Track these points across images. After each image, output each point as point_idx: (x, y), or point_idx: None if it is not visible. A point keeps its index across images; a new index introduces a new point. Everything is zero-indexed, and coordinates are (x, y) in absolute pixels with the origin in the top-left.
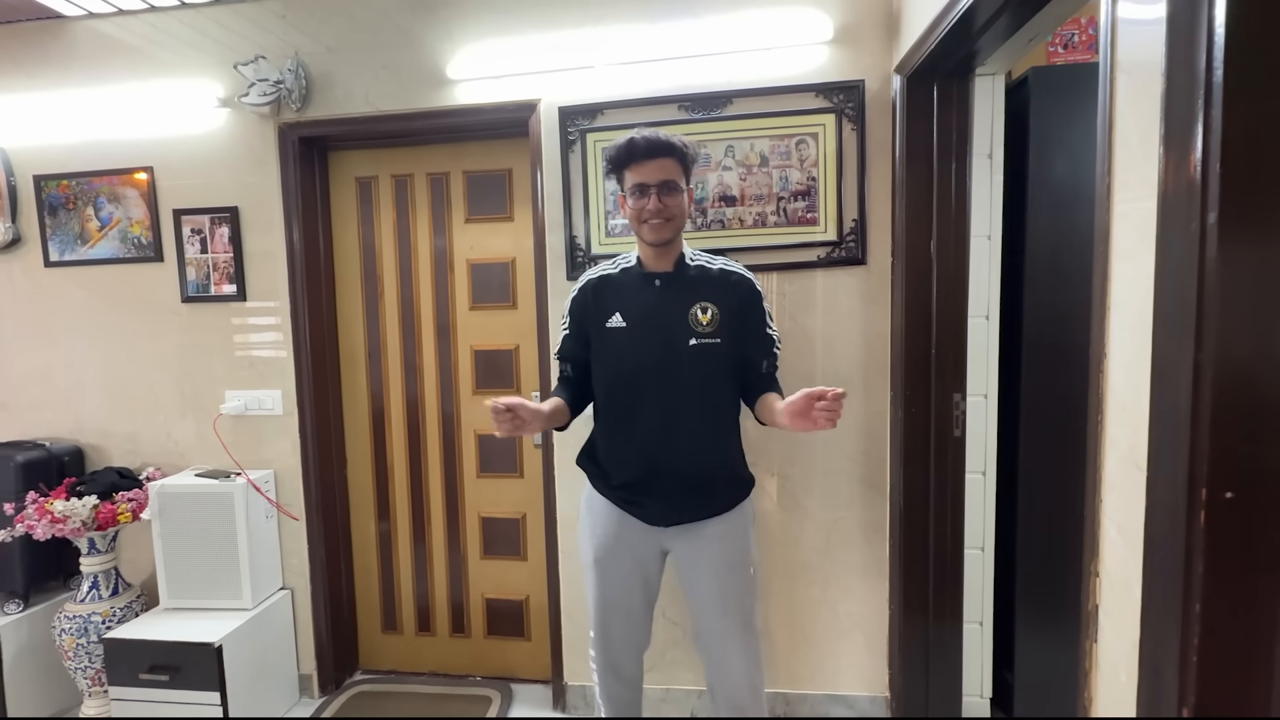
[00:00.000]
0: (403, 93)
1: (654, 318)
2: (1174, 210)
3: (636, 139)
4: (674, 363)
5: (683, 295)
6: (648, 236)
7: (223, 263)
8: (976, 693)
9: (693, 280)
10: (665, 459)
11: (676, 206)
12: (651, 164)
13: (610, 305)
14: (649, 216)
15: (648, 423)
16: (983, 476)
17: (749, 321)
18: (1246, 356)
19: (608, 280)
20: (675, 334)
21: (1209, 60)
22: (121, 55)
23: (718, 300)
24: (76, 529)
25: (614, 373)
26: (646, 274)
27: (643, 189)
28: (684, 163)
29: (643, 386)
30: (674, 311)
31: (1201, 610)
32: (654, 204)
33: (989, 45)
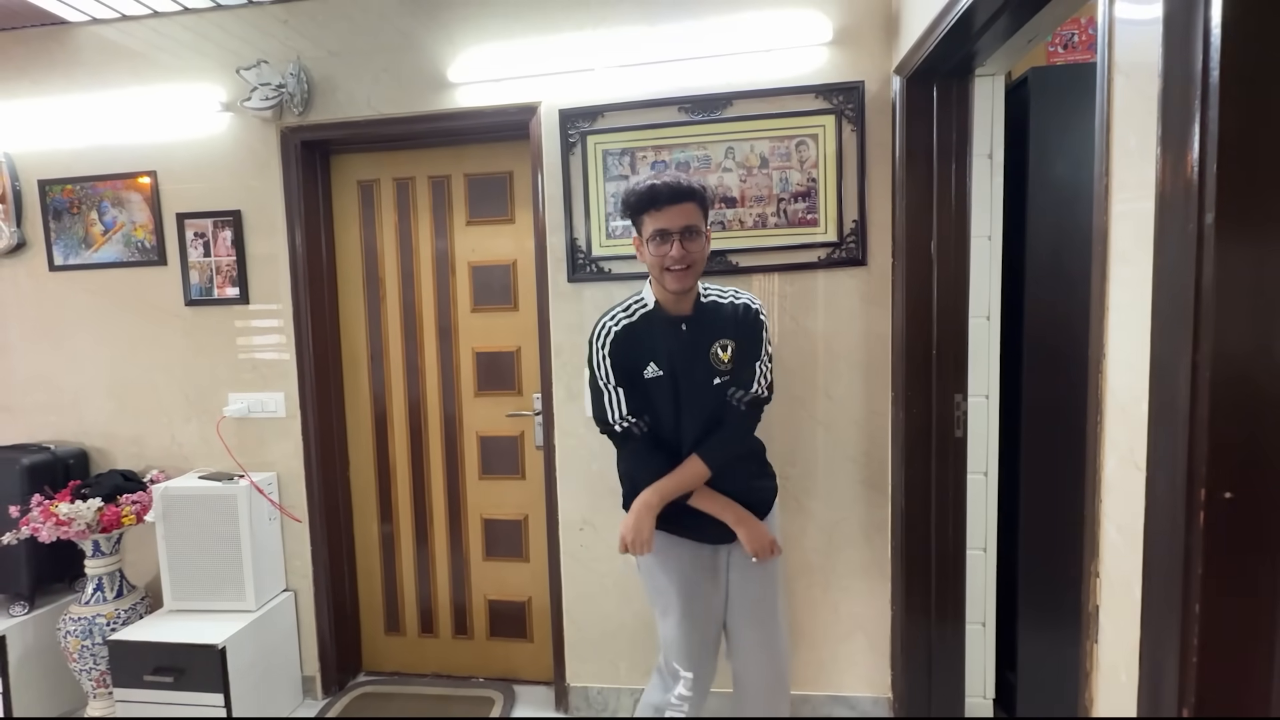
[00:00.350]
0: (404, 96)
1: (683, 363)
2: (1171, 211)
3: (658, 185)
4: (703, 403)
5: (704, 335)
6: (671, 285)
7: (225, 266)
8: (979, 693)
9: (711, 319)
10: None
11: (699, 252)
12: (674, 209)
13: (643, 354)
14: (672, 264)
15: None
16: (984, 477)
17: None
18: (1244, 356)
19: (633, 330)
20: (702, 376)
21: (1205, 60)
22: (125, 60)
23: (734, 335)
24: (81, 531)
25: (655, 417)
26: (671, 318)
27: (665, 235)
28: (704, 206)
29: (680, 429)
30: (698, 353)
31: (1201, 610)
32: (678, 251)
33: (989, 46)
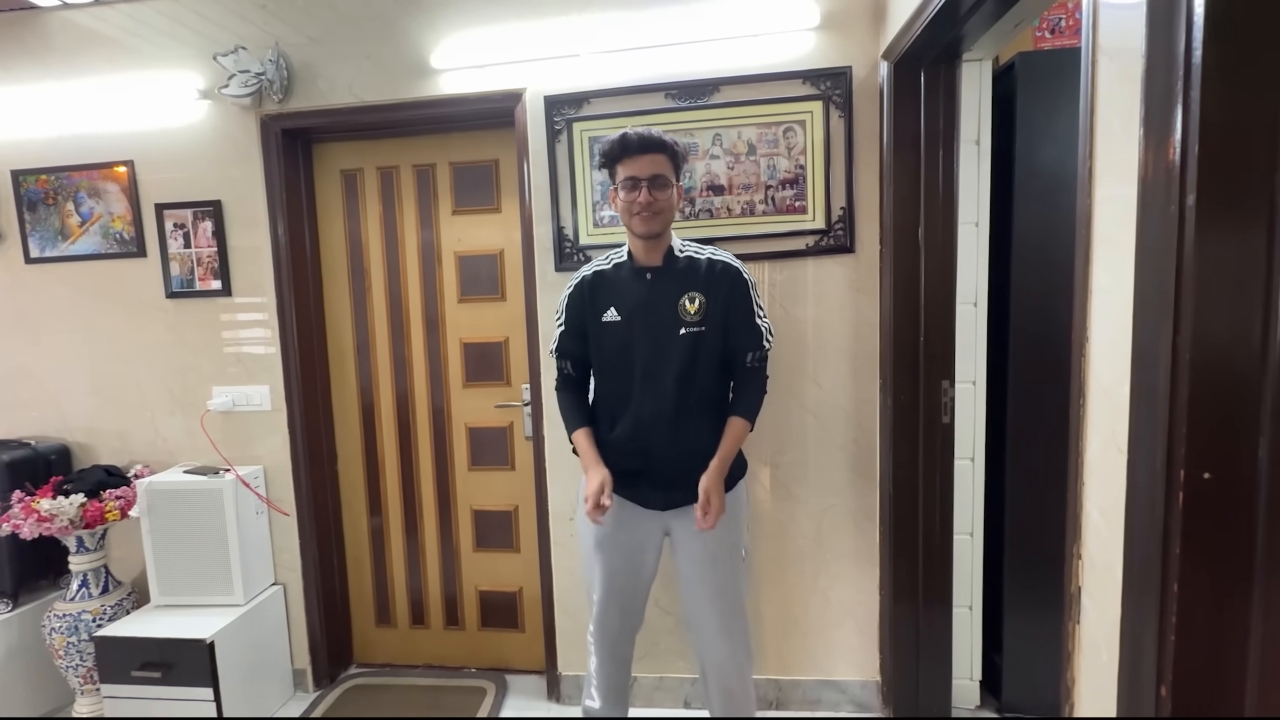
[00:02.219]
0: (386, 83)
1: (646, 310)
2: (1153, 193)
3: (630, 134)
4: (665, 352)
5: (672, 286)
6: (637, 229)
7: (207, 257)
8: (966, 675)
9: (682, 271)
10: (660, 446)
11: (665, 200)
12: (643, 159)
13: (605, 300)
14: (639, 209)
15: (642, 411)
16: (971, 463)
17: (735, 311)
18: (1224, 338)
19: (602, 276)
20: (665, 324)
21: (1188, 43)
22: (98, 46)
23: (705, 290)
24: (64, 527)
25: (610, 364)
26: (638, 268)
27: (634, 182)
28: (674, 160)
29: (637, 376)
30: (664, 303)
31: (1179, 590)
32: (644, 197)
33: (976, 30)
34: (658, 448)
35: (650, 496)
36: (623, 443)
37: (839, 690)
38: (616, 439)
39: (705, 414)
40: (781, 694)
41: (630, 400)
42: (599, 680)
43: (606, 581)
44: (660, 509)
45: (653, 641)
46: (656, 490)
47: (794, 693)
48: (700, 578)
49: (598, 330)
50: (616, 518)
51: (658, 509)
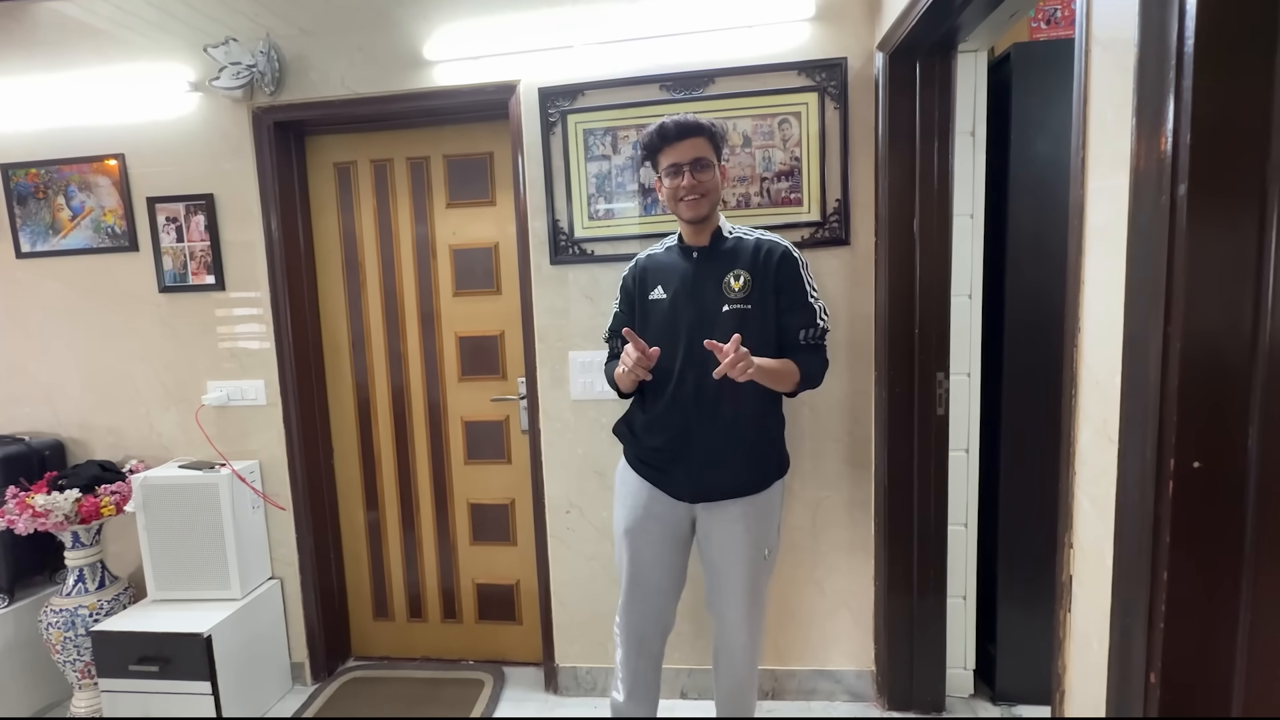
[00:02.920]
0: (379, 75)
1: (690, 287)
2: (1145, 183)
3: (667, 123)
4: (709, 329)
5: (718, 265)
6: (684, 214)
7: (200, 252)
8: (960, 665)
9: (729, 250)
10: (698, 424)
11: (710, 182)
12: (683, 144)
13: (653, 280)
14: (684, 193)
15: (682, 388)
16: (966, 454)
17: (786, 290)
18: (1215, 328)
19: (653, 259)
20: (709, 301)
21: (1180, 33)
22: (87, 38)
23: (751, 268)
24: (59, 523)
25: (655, 341)
26: (685, 248)
27: (676, 168)
28: (714, 141)
29: (679, 353)
30: (709, 280)
31: (1169, 578)
32: (688, 180)
33: (971, 20)
34: (695, 426)
35: (681, 484)
36: (664, 419)
37: (834, 680)
38: (659, 414)
39: (746, 398)
40: (777, 684)
41: (672, 376)
42: (624, 673)
43: (631, 574)
44: (689, 500)
45: None
46: (689, 477)
47: (789, 682)
48: (723, 569)
49: (645, 308)
50: (647, 507)
51: (686, 500)
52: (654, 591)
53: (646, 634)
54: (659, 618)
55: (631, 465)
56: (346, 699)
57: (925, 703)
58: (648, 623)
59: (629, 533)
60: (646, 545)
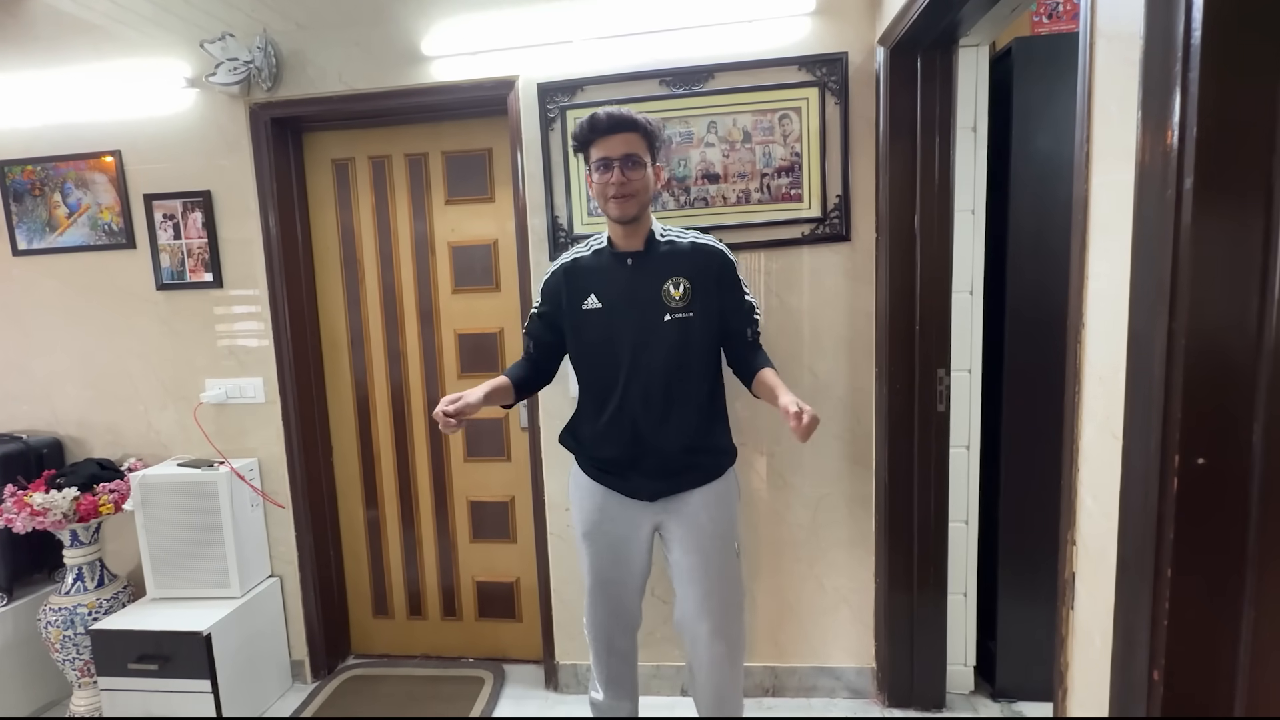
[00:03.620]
0: (377, 70)
1: (628, 297)
2: (1151, 177)
3: (599, 114)
4: (650, 339)
5: (655, 272)
6: (613, 212)
7: (197, 249)
8: (960, 661)
9: (664, 256)
10: (648, 435)
11: (640, 180)
12: (614, 138)
13: (585, 287)
14: (613, 191)
15: (628, 400)
16: (966, 451)
17: (725, 293)
18: (1220, 324)
19: (580, 263)
20: (649, 311)
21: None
22: (83, 34)
23: (689, 274)
24: (57, 521)
25: (592, 353)
26: (618, 254)
27: (606, 163)
28: (648, 139)
29: (621, 365)
30: (647, 289)
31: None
32: (616, 176)
33: (972, 15)
34: (646, 437)
35: (639, 486)
36: (610, 432)
37: (834, 677)
38: (604, 428)
39: (692, 401)
40: (777, 681)
41: (616, 388)
42: (598, 672)
43: (593, 575)
44: (649, 499)
45: (649, 630)
46: (647, 479)
47: (789, 679)
48: (692, 574)
49: (577, 318)
50: (603, 509)
51: (645, 499)
52: (613, 591)
53: (613, 632)
54: (625, 615)
55: (585, 471)
56: (346, 697)
57: (925, 699)
58: (614, 620)
59: (588, 535)
60: (607, 546)
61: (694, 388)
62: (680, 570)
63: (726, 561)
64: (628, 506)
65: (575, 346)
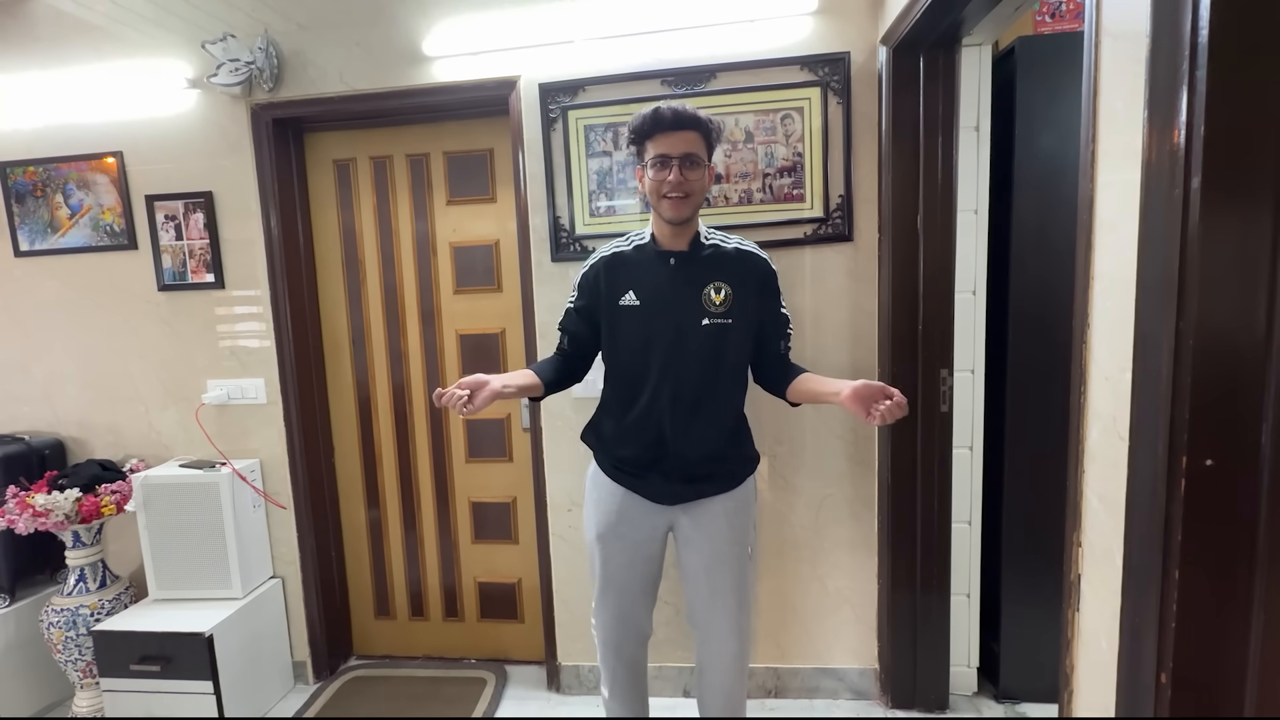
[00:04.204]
0: (378, 71)
1: (668, 297)
2: (1158, 176)
3: (663, 109)
4: (686, 342)
5: (697, 275)
6: (666, 213)
7: (199, 250)
8: (964, 662)
9: (707, 260)
10: (673, 438)
11: (698, 181)
12: (676, 136)
13: (624, 283)
14: (669, 190)
15: (657, 401)
16: (969, 451)
17: (765, 302)
18: (1228, 324)
19: (621, 257)
20: (688, 314)
21: (1194, 22)
22: (84, 35)
23: (732, 280)
24: (60, 522)
25: (626, 350)
26: (661, 252)
27: (664, 160)
28: (708, 139)
29: (654, 365)
30: (688, 291)
31: (1180, 577)
32: (675, 176)
33: (975, 14)
34: (672, 438)
35: (660, 489)
36: (637, 430)
37: (837, 678)
38: (630, 425)
39: (722, 409)
40: (780, 681)
41: (646, 387)
42: (605, 673)
43: (604, 579)
44: (669, 503)
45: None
46: (668, 482)
47: (792, 680)
48: (708, 573)
49: (614, 314)
50: (620, 512)
51: (665, 503)
52: (628, 596)
53: (622, 641)
54: (635, 624)
55: (604, 470)
56: (348, 698)
57: (929, 701)
58: (624, 629)
59: (602, 537)
60: (620, 550)
61: (724, 395)
62: (693, 571)
63: (741, 564)
64: (647, 510)
65: (608, 341)
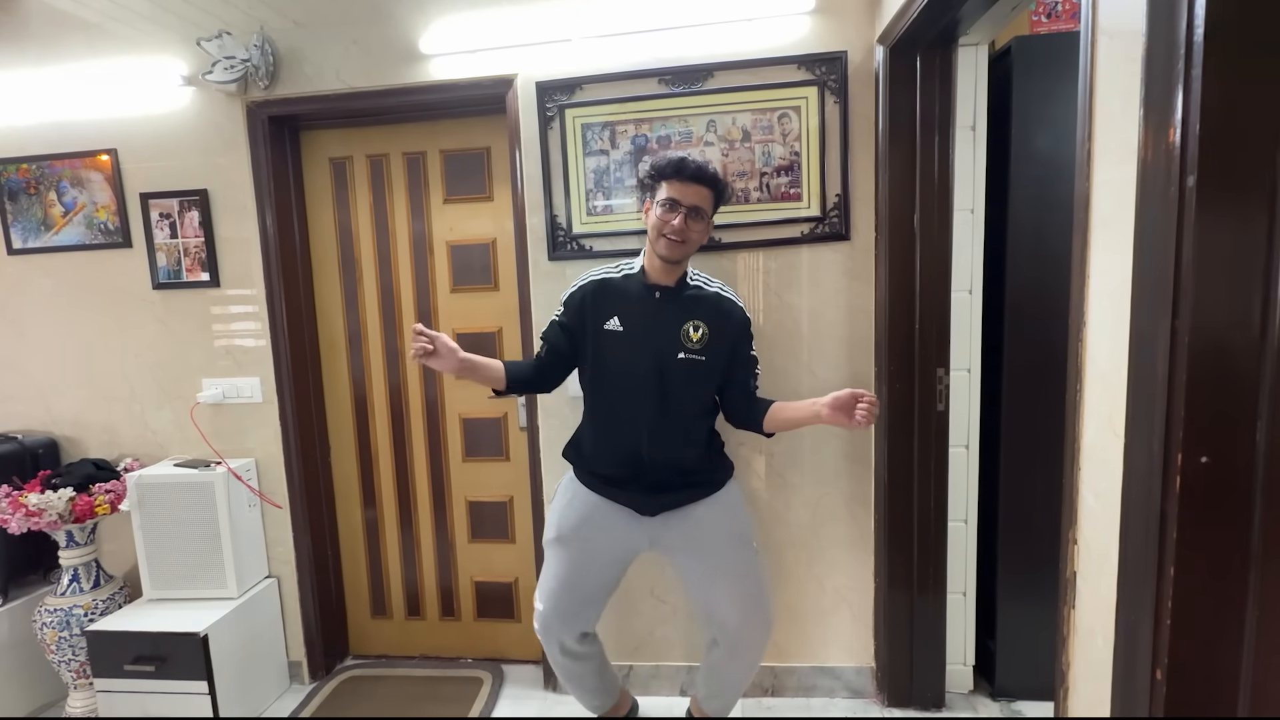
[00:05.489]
0: (375, 69)
1: (650, 327)
2: (1153, 174)
3: (689, 161)
4: (661, 372)
5: (679, 311)
6: (661, 250)
7: (194, 248)
8: (960, 661)
9: (689, 299)
10: (649, 455)
11: (698, 233)
12: (692, 187)
13: (609, 308)
14: (671, 233)
15: (633, 424)
16: (966, 450)
17: (737, 346)
18: (1223, 322)
19: (609, 284)
20: (667, 345)
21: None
22: (78, 32)
23: (709, 321)
24: (53, 522)
25: (606, 373)
26: (649, 285)
27: (674, 205)
28: (718, 197)
29: (631, 390)
30: (669, 324)
31: (1175, 574)
32: (680, 223)
33: (971, 14)
34: (649, 455)
35: (640, 500)
36: (615, 448)
37: (834, 676)
38: (609, 443)
39: (694, 431)
40: (777, 680)
41: (624, 408)
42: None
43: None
44: (650, 514)
45: (648, 630)
46: (647, 494)
47: (789, 679)
48: (715, 566)
49: (598, 337)
50: (589, 519)
51: (647, 514)
52: (580, 596)
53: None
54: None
55: (582, 480)
56: (344, 698)
57: (925, 699)
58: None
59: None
60: (583, 552)
61: (695, 419)
62: (696, 571)
63: (743, 557)
64: (621, 518)
65: (590, 363)
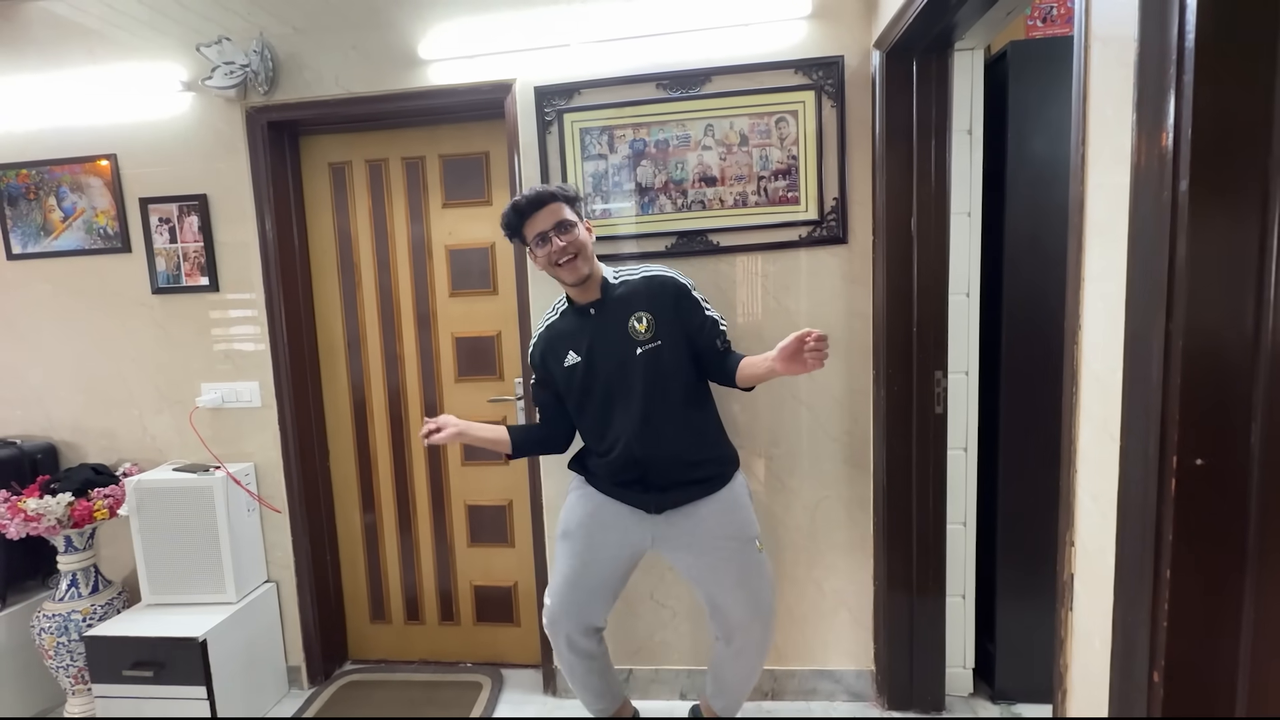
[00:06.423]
0: (374, 74)
1: (600, 343)
2: (1147, 179)
3: (519, 199)
4: (628, 375)
5: (616, 314)
6: (567, 278)
7: (193, 253)
8: (959, 663)
9: (621, 298)
10: (646, 457)
11: (579, 239)
12: (540, 214)
13: (563, 347)
14: (559, 258)
15: (623, 434)
16: (964, 453)
17: (686, 316)
18: (1217, 325)
19: (553, 327)
20: (623, 349)
21: (1181, 27)
22: (78, 38)
23: (648, 307)
24: (52, 527)
25: (583, 401)
26: (580, 308)
27: (543, 237)
28: (570, 203)
29: (609, 405)
30: (614, 332)
31: (1172, 576)
32: (557, 244)
33: (967, 18)
34: (646, 457)
35: (646, 499)
36: (614, 461)
37: (833, 679)
38: (608, 461)
39: (680, 421)
40: (776, 684)
41: (610, 425)
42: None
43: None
44: (655, 512)
45: (648, 634)
46: (651, 493)
47: (789, 682)
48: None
49: (563, 375)
50: (596, 515)
51: (652, 512)
52: (588, 591)
53: (574, 632)
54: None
55: (590, 483)
56: (344, 702)
57: (925, 702)
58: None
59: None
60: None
61: (679, 408)
62: (697, 575)
63: (744, 556)
64: (626, 515)
65: (567, 400)
